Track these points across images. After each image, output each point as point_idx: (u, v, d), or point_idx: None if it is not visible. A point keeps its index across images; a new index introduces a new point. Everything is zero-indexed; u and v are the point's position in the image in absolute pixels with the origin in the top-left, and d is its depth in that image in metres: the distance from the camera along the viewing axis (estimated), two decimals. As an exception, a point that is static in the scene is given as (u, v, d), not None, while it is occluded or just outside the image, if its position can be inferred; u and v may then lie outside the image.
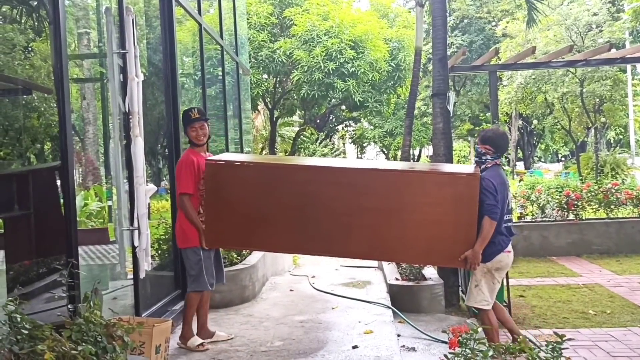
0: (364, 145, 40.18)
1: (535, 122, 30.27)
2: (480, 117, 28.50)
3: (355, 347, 4.58)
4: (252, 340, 4.81)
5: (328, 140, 34.23)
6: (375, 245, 4.36)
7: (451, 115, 6.95)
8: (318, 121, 26.48)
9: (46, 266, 3.96)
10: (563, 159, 42.50)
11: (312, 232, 4.40)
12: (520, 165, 34.69)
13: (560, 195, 9.79)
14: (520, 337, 3.73)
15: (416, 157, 37.87)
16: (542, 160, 45.87)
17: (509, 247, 4.41)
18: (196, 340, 4.64)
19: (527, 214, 10.06)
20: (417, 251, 4.36)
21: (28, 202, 3.68)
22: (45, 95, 6.67)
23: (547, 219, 9.81)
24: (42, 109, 6.77)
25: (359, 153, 46.79)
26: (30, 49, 7.23)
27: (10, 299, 2.66)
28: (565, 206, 9.66)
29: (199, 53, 7.21)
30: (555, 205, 9.76)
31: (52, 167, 4.43)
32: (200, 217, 4.58)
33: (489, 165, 4.42)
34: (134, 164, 4.35)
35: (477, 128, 11.79)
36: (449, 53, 7.40)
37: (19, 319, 2.58)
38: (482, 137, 4.55)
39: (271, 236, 4.45)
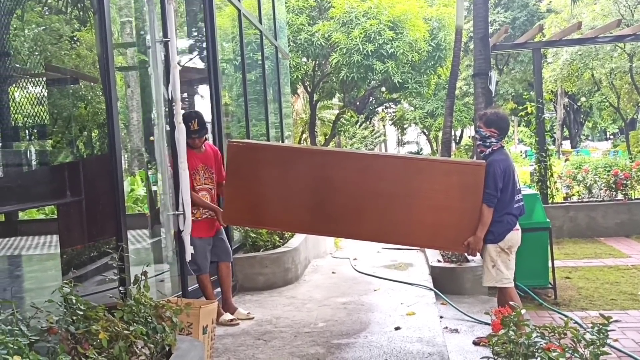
0: (405, 127, 39.83)
1: (582, 99, 29.44)
2: (523, 96, 27.87)
3: (397, 328, 4.61)
4: (295, 321, 4.89)
5: (368, 122, 34.06)
6: (384, 228, 4.54)
7: (493, 94, 6.85)
8: (358, 104, 26.33)
9: (97, 250, 4.11)
10: (611, 137, 41.24)
11: (325, 214, 4.60)
12: (566, 145, 33.84)
13: (608, 175, 9.55)
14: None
15: (458, 138, 37.37)
16: (590, 139, 44.63)
17: (517, 226, 4.53)
18: (227, 316, 4.87)
19: (573, 194, 9.86)
20: (423, 235, 4.55)
21: (79, 189, 3.81)
22: (92, 84, 6.85)
23: (594, 199, 9.60)
24: (89, 98, 6.96)
25: (399, 135, 46.46)
26: (75, 39, 7.44)
27: (65, 281, 2.77)
28: (614, 185, 9.42)
29: (238, 38, 7.27)
30: (603, 184, 9.53)
31: (101, 156, 4.57)
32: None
33: (495, 148, 4.53)
34: (177, 150, 4.44)
35: (520, 107, 11.53)
36: (490, 31, 7.27)
37: (74, 301, 2.69)
38: (486, 120, 4.60)
39: (285, 216, 4.65)
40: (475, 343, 4.52)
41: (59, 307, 2.64)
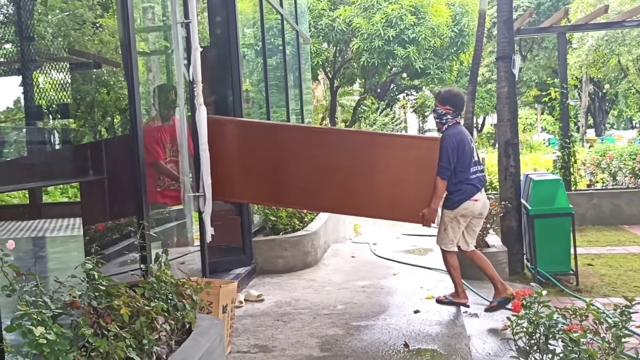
0: (426, 114, 39.53)
1: (607, 86, 28.91)
2: (547, 83, 27.45)
3: (416, 311, 4.61)
4: (314, 303, 4.91)
5: (389, 109, 33.88)
6: (346, 200, 4.77)
7: (516, 79, 6.75)
8: (379, 90, 26.15)
9: (120, 231, 4.15)
10: (638, 125, 40.48)
11: (290, 187, 4.85)
12: (591, 133, 33.30)
13: (633, 162, 9.39)
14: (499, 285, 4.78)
15: (480, 126, 36.99)
16: (615, 127, 43.85)
17: (477, 196, 4.71)
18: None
19: (597, 182, 9.72)
20: (381, 207, 4.76)
21: (102, 168, 3.85)
22: (114, 69, 6.90)
23: (618, 187, 9.44)
24: (111, 83, 7.01)
25: (420, 122, 46.14)
26: (98, 24, 7.48)
27: (87, 258, 2.81)
28: (639, 173, 9.26)
29: (259, 23, 7.25)
30: (628, 172, 9.37)
31: (123, 137, 4.62)
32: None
33: (450, 124, 4.75)
34: (198, 131, 4.46)
35: (543, 93, 11.36)
36: (515, 16, 7.15)
37: (96, 276, 2.73)
38: (441, 98, 4.85)
39: (252, 188, 4.80)
40: (439, 301, 4.85)
41: (81, 283, 2.68)
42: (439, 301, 4.89)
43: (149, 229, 3.51)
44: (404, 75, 22.24)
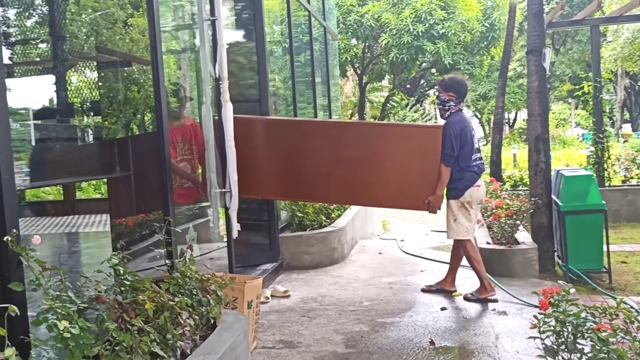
0: (456, 110, 39.02)
1: (643, 80, 28.18)
2: (580, 77, 26.89)
3: (443, 308, 4.56)
4: (340, 299, 4.90)
5: (419, 105, 33.61)
6: (351, 191, 4.88)
7: (547, 73, 6.62)
8: (408, 86, 25.98)
9: (147, 227, 4.20)
10: (676, 120, 39.31)
11: (297, 180, 4.96)
12: (627, 128, 32.47)
13: (671, 158, 9.14)
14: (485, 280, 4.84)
15: (512, 121, 36.41)
16: (652, 122, 42.64)
17: (479, 182, 4.84)
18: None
19: (632, 177, 9.48)
20: (388, 196, 4.86)
21: (128, 165, 3.91)
22: (144, 67, 6.99)
23: (655, 183, 9.20)
24: (142, 81, 7.10)
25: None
26: (129, 23, 7.59)
27: (113, 253, 2.85)
28: (676, 168, 9.01)
29: (286, 19, 7.26)
30: (665, 167, 9.12)
31: (150, 134, 4.67)
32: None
33: (453, 111, 4.83)
34: (224, 128, 4.48)
35: (576, 87, 11.12)
36: (547, 10, 7.02)
37: (121, 271, 2.76)
38: (445, 85, 4.91)
39: (261, 183, 4.85)
40: (467, 299, 4.85)
41: (106, 278, 2.71)
42: (466, 299, 4.86)
43: (175, 225, 3.54)
44: (434, 70, 22.00)
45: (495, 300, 4.79)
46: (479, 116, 35.50)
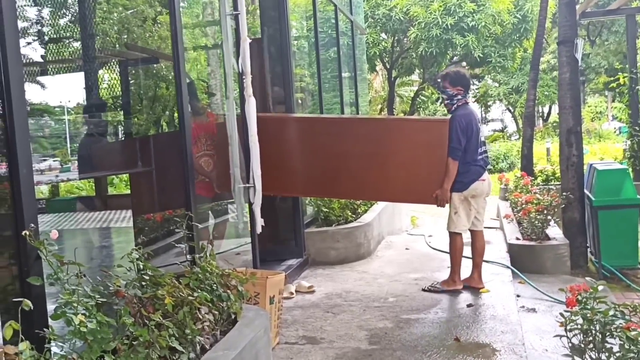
0: (488, 103, 38.50)
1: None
2: (615, 67, 26.17)
3: (470, 305, 4.48)
4: (365, 295, 4.85)
5: (449, 99, 33.18)
6: (361, 186, 4.91)
7: (580, 64, 6.44)
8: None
9: (170, 223, 4.23)
10: None
11: (307, 176, 5.02)
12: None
13: None
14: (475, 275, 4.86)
15: (545, 115, 35.73)
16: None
17: (484, 176, 4.79)
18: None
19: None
20: (396, 191, 4.89)
21: (151, 160, 3.93)
22: (172, 64, 7.06)
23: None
24: (170, 78, 7.15)
25: (482, 112, 45.00)
26: (157, 21, 7.66)
27: (134, 247, 2.85)
28: None
29: (311, 13, 7.21)
30: None
31: (172, 132, 4.71)
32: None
33: (459, 104, 4.79)
34: (247, 123, 4.46)
35: (612, 78, 10.81)
36: (580, -2, 6.84)
37: (141, 266, 2.76)
38: (451, 80, 4.85)
39: (274, 180, 4.79)
40: (426, 290, 4.88)
41: (126, 273, 2.72)
42: (426, 290, 4.89)
43: (198, 220, 3.55)
44: (464, 64, 21.71)
45: (460, 292, 4.81)
46: (512, 110, 34.92)
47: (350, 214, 6.32)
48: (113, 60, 7.72)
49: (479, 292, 4.78)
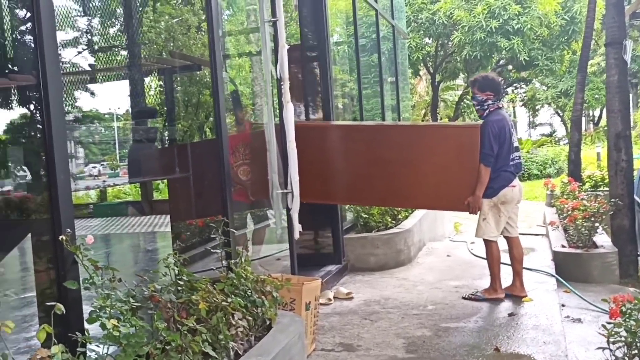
0: (537, 107, 37.61)
1: None
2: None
3: (511, 314, 4.37)
4: (404, 303, 4.79)
5: (495, 103, 32.57)
6: (392, 193, 4.90)
7: (629, 66, 6.23)
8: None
9: (210, 229, 4.28)
10: None
11: (340, 183, 5.03)
12: None
13: None
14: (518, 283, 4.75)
15: (596, 119, 34.68)
16: None
17: (514, 182, 4.70)
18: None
19: None
20: (427, 197, 4.86)
21: (188, 167, 3.98)
22: (210, 72, 7.21)
23: None
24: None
25: (530, 116, 43.97)
26: (201, 28, 7.81)
27: (170, 253, 2.89)
28: None
29: (352, 18, 7.20)
30: None
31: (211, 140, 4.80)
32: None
33: (491, 109, 4.70)
34: (285, 128, 4.48)
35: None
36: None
37: (176, 271, 2.79)
38: (480, 86, 4.77)
39: (307, 187, 4.70)
40: (466, 298, 4.79)
41: (161, 277, 2.75)
42: (466, 298, 4.81)
43: (235, 226, 3.57)
44: (510, 67, 21.31)
45: (502, 301, 4.69)
46: (561, 114, 34.04)
47: (390, 219, 6.26)
48: (159, 68, 7.91)
49: (521, 301, 4.65)
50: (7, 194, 4.96)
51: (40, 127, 2.28)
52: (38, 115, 2.33)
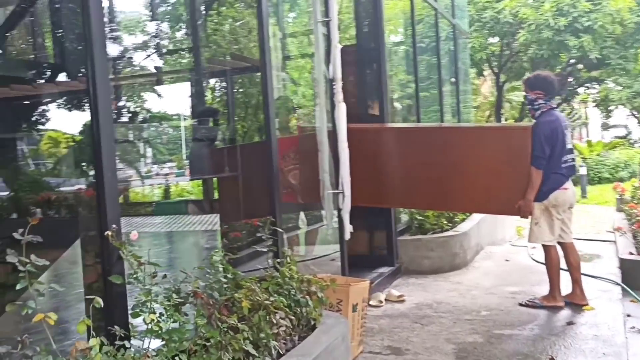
0: (610, 108, 36.00)
1: None
2: None
3: (570, 323, 4.18)
4: (457, 307, 4.67)
5: (566, 104, 31.44)
6: (441, 196, 4.79)
7: None
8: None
9: (257, 229, 4.32)
10: None
11: (386, 186, 4.93)
12: None
13: None
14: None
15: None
16: None
17: (566, 185, 4.51)
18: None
19: None
20: (476, 201, 4.72)
21: (238, 167, 4.03)
22: (276, 73, 7.28)
23: None
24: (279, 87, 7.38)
25: (604, 118, 42.14)
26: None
27: (216, 250, 2.92)
28: None
29: (409, 17, 7.11)
30: None
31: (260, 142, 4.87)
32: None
33: (544, 110, 4.52)
34: (337, 129, 4.46)
35: None
36: None
37: (221, 269, 2.82)
38: (529, 84, 4.64)
39: (357, 191, 4.60)
40: (523, 305, 4.62)
41: (206, 275, 2.78)
42: (523, 305, 4.63)
43: (280, 226, 3.58)
44: (580, 66, 20.50)
45: (561, 309, 4.52)
46: (637, 115, 32.43)
47: (446, 222, 6.13)
48: (221, 70, 8.08)
49: (581, 310, 4.45)
50: (79, 191, 5.19)
51: (90, 128, 2.35)
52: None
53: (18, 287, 1.87)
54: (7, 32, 5.45)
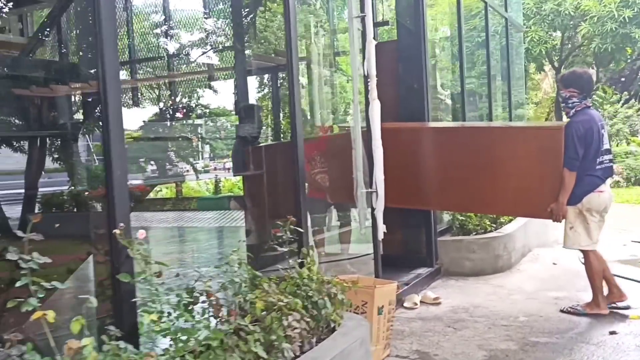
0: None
1: None
2: None
3: (613, 332, 3.96)
4: (494, 312, 4.51)
5: (634, 100, 30.00)
6: (470, 197, 4.66)
7: None
8: (623, 79, 23.27)
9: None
10: None
11: (417, 188, 4.84)
12: None
13: None
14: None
15: None
16: None
17: (601, 188, 4.30)
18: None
19: None
20: (507, 203, 4.56)
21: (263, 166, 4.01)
22: (287, 73, 7.37)
23: None
24: (308, 82, 7.38)
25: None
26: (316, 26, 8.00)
27: (234, 249, 2.90)
28: None
29: (455, 9, 6.91)
30: None
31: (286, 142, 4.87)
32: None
33: (578, 109, 4.36)
34: (371, 127, 4.38)
35: None
36: None
37: (236, 268, 2.80)
38: (564, 81, 4.49)
39: (391, 191, 4.46)
40: (564, 312, 4.41)
41: (221, 275, 2.77)
42: (564, 312, 4.43)
43: (304, 225, 3.53)
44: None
45: (604, 317, 4.29)
46: None
47: (489, 223, 5.93)
48: (267, 67, 8.12)
49: (627, 319, 4.21)
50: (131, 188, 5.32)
51: (101, 127, 2.37)
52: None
53: (18, 284, 1.90)
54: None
